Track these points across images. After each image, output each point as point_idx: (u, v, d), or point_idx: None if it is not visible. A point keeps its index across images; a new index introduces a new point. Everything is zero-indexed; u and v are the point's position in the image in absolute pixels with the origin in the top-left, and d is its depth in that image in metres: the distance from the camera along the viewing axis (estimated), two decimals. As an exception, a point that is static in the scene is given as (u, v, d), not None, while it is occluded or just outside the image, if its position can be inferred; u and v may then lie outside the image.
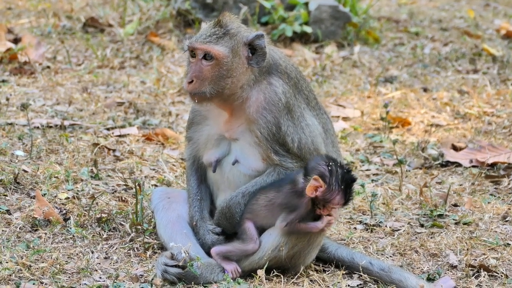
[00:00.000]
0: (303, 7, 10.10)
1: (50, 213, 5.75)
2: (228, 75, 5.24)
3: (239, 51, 5.25)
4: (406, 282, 5.32)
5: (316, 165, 5.19)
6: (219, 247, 5.29)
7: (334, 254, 5.56)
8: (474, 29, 11.23)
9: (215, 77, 5.23)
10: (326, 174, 5.14)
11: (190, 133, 5.55)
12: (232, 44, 5.25)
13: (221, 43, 5.24)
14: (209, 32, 5.27)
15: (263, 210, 5.24)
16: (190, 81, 5.24)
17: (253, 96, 5.29)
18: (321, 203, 5.18)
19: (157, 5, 10.45)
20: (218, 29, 5.27)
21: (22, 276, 5.12)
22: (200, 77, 5.24)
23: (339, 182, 5.14)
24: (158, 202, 5.59)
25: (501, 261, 5.69)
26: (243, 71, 5.27)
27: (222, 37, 5.25)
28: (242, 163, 5.35)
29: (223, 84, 5.24)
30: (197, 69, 5.24)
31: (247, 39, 5.26)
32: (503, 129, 8.01)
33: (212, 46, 5.22)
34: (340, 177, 5.15)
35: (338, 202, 5.17)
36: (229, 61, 5.23)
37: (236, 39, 5.26)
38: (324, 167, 5.15)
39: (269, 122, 5.27)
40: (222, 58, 5.22)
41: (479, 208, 6.46)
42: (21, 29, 10.12)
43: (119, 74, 9.00)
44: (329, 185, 5.13)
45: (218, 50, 5.22)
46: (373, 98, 8.68)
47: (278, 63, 5.38)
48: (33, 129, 7.28)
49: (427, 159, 7.32)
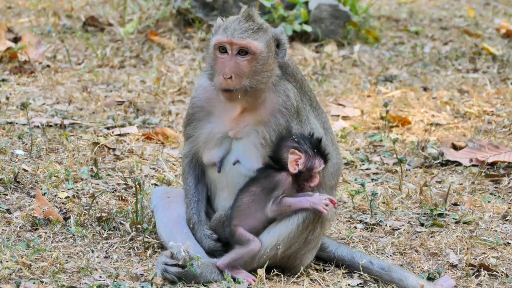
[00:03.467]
0: (303, 6, 10.09)
1: (50, 212, 5.75)
2: (264, 69, 5.23)
3: (271, 45, 5.27)
4: (406, 281, 5.32)
5: (282, 145, 5.26)
6: (224, 259, 5.25)
7: (334, 253, 5.56)
8: (474, 28, 11.23)
9: (252, 72, 5.21)
10: (297, 146, 5.24)
11: (189, 130, 5.49)
12: (266, 38, 5.25)
13: (258, 38, 5.23)
14: (244, 27, 5.23)
15: (250, 207, 5.23)
16: (229, 77, 5.22)
17: (270, 97, 5.29)
18: (305, 175, 5.25)
19: (157, 4, 10.44)
20: (252, 24, 5.25)
21: (22, 275, 5.12)
22: (238, 73, 5.20)
23: (310, 147, 5.25)
24: (158, 201, 5.59)
25: (501, 260, 5.69)
26: (274, 65, 5.29)
27: (257, 32, 5.24)
28: (243, 164, 5.33)
29: (260, 79, 5.23)
30: (233, 64, 5.21)
31: (275, 33, 5.29)
32: (503, 128, 8.01)
33: (251, 41, 5.21)
34: (308, 143, 5.26)
35: (320, 164, 5.27)
36: (265, 56, 5.23)
37: (268, 33, 5.28)
38: (291, 142, 5.25)
39: (281, 125, 5.28)
40: (260, 53, 5.21)
41: (479, 207, 6.46)
42: (21, 28, 10.11)
43: (119, 73, 9.00)
44: (305, 152, 5.23)
45: (257, 45, 5.21)
46: (373, 97, 8.67)
47: (288, 63, 5.40)
48: (33, 128, 7.28)
49: (427, 158, 7.32)
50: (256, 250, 5.22)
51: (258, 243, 5.22)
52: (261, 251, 5.23)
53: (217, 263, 5.25)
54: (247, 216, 5.25)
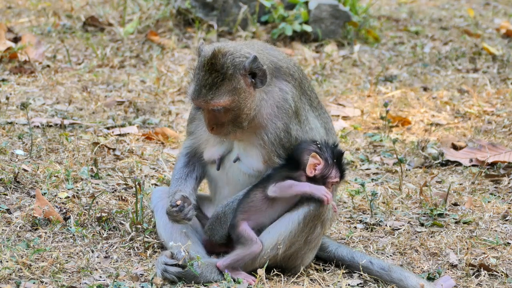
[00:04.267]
0: (303, 6, 10.10)
1: (50, 212, 5.75)
2: (243, 109, 5.19)
3: (243, 86, 5.17)
4: (406, 281, 5.32)
5: (305, 148, 5.28)
6: (225, 260, 5.25)
7: (334, 253, 5.56)
8: (474, 28, 11.22)
9: (232, 118, 5.20)
10: (319, 151, 5.27)
11: (192, 128, 5.51)
12: (234, 85, 5.15)
13: (223, 92, 5.14)
14: (207, 84, 5.13)
15: (263, 204, 5.23)
16: (211, 129, 5.23)
17: (264, 106, 5.27)
18: (319, 182, 5.26)
19: (157, 4, 10.44)
20: (215, 75, 5.13)
21: (22, 275, 5.11)
22: (218, 123, 5.21)
23: (332, 156, 5.29)
24: (158, 201, 5.59)
25: (501, 260, 5.68)
26: (253, 97, 5.22)
27: (222, 84, 5.13)
28: (243, 162, 5.34)
29: (241, 119, 5.21)
30: (211, 118, 5.20)
31: (245, 68, 5.15)
32: (503, 128, 8.01)
33: (217, 101, 5.14)
34: (330, 152, 5.30)
35: (335, 175, 5.30)
36: (237, 101, 5.17)
37: (236, 76, 5.15)
38: (314, 147, 5.28)
39: (278, 128, 5.27)
40: (229, 105, 5.16)
41: (479, 207, 6.46)
42: (21, 28, 10.11)
43: (119, 73, 9.00)
44: (325, 160, 5.27)
45: (225, 101, 5.15)
46: (373, 97, 8.67)
47: (279, 65, 5.34)
48: (33, 128, 7.28)
49: (427, 158, 7.32)
50: (257, 252, 5.21)
51: (259, 245, 5.22)
52: (262, 252, 5.23)
53: (217, 263, 5.25)
54: (257, 212, 5.26)
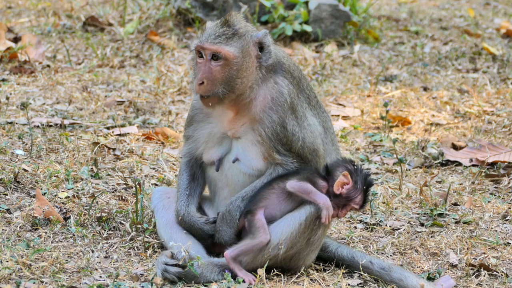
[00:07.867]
0: (303, 6, 10.10)
1: (50, 212, 5.75)
2: (239, 75, 5.21)
3: (249, 50, 5.24)
4: (406, 281, 5.32)
5: (341, 164, 5.34)
6: (233, 250, 5.25)
7: (334, 253, 5.56)
8: (474, 28, 11.23)
9: (225, 78, 5.20)
10: (353, 172, 5.30)
11: (189, 131, 5.52)
12: (242, 44, 5.22)
13: (231, 43, 5.20)
14: (217, 32, 5.22)
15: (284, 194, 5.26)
16: (201, 83, 5.21)
17: (260, 96, 5.28)
18: (342, 202, 5.28)
19: (157, 4, 10.45)
20: (227, 29, 5.23)
21: (22, 275, 5.12)
22: (210, 78, 5.20)
23: (362, 182, 5.30)
24: (158, 201, 5.59)
25: (501, 260, 5.69)
26: (253, 70, 5.25)
27: (231, 37, 5.21)
28: (242, 161, 5.34)
29: (234, 85, 5.21)
30: (206, 70, 5.20)
31: (257, 37, 5.25)
32: (503, 128, 8.01)
33: (222, 47, 5.19)
34: (363, 178, 5.32)
35: (358, 202, 5.32)
36: (239, 61, 5.20)
37: (245, 38, 5.23)
38: (351, 166, 5.31)
39: (274, 122, 5.27)
40: (232, 58, 5.19)
41: (479, 207, 6.46)
42: (21, 28, 10.11)
43: (119, 73, 9.00)
44: (355, 183, 5.28)
45: (228, 51, 5.19)
46: (373, 97, 8.68)
47: (282, 61, 5.38)
48: (33, 128, 7.28)
49: (427, 158, 7.32)
50: (264, 242, 5.22)
51: (267, 236, 5.22)
52: (263, 250, 5.23)
53: (225, 252, 5.24)
54: (275, 201, 5.28)
